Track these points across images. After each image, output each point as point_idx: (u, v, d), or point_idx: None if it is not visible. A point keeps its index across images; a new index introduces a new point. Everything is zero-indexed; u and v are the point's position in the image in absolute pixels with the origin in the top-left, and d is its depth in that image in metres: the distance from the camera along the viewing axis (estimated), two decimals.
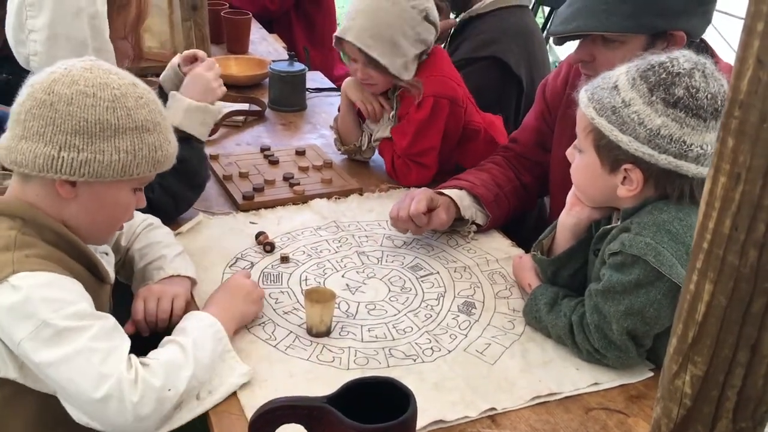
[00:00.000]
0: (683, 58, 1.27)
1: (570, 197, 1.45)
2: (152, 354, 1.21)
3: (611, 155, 1.30)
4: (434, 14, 1.93)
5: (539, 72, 2.46)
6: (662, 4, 1.53)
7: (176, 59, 1.90)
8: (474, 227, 1.80)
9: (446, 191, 1.76)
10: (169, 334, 1.28)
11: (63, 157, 1.17)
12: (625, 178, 1.30)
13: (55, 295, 1.14)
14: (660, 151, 1.24)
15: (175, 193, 1.69)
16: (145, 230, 1.52)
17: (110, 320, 1.19)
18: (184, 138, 1.66)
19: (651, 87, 1.25)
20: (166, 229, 1.57)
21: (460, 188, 1.78)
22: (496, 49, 2.36)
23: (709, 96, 1.24)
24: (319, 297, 1.40)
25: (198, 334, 1.25)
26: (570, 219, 1.44)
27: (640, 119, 1.25)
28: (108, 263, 1.38)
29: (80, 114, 1.18)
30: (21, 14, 1.59)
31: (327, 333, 1.41)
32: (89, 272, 1.29)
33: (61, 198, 1.22)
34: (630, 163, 1.28)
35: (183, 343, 1.22)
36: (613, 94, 1.28)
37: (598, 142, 1.31)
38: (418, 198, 1.68)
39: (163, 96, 1.93)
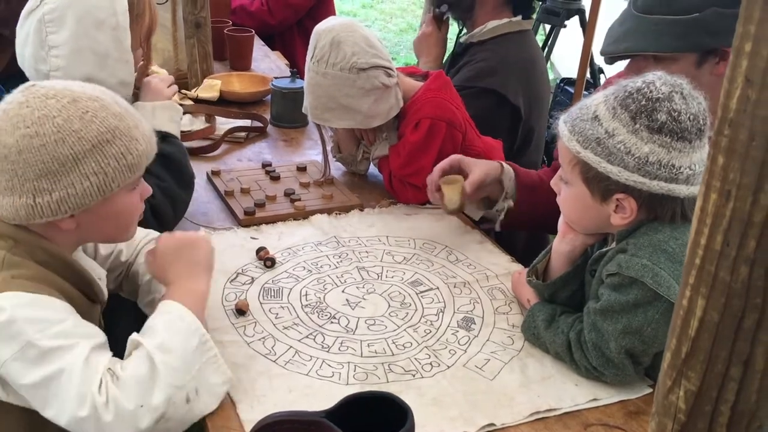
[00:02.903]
0: (659, 81, 1.26)
1: (561, 225, 1.45)
2: (123, 364, 1.16)
3: (601, 186, 1.30)
4: (364, 58, 1.87)
5: (538, 100, 2.44)
6: (712, 24, 1.51)
7: None
8: (509, 203, 1.80)
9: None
10: None
11: (39, 203, 1.17)
12: (617, 206, 1.31)
13: (39, 315, 1.14)
14: (651, 177, 1.24)
15: (171, 193, 1.69)
16: (148, 245, 1.53)
17: (99, 338, 1.18)
18: (162, 136, 1.70)
19: (633, 115, 1.25)
20: None
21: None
22: (493, 81, 2.32)
23: (691, 117, 1.24)
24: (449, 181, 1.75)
25: (166, 336, 1.18)
26: (564, 246, 1.44)
27: (627, 148, 1.25)
28: (101, 281, 1.38)
29: (33, 159, 1.16)
30: (41, 31, 1.61)
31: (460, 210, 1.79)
32: (81, 292, 1.28)
33: (68, 229, 1.23)
34: (621, 192, 1.28)
35: (150, 350, 1.15)
36: (595, 125, 1.28)
37: (585, 174, 1.31)
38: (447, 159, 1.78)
39: None
